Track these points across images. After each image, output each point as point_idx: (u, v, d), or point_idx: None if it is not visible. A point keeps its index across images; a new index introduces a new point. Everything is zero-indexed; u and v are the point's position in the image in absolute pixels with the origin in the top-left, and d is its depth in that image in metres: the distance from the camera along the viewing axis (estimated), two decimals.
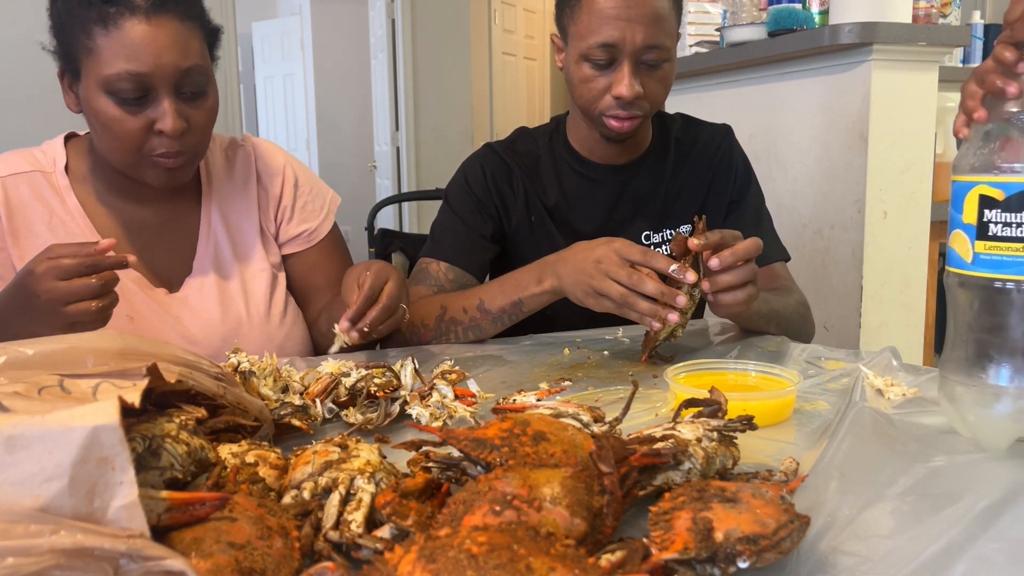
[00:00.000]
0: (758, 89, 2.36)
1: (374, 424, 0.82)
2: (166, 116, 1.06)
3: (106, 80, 1.04)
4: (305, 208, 1.33)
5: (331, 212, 1.36)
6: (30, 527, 0.43)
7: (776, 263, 1.40)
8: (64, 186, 1.18)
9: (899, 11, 1.98)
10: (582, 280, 1.07)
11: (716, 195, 1.41)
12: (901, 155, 2.03)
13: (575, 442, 0.61)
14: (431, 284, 1.33)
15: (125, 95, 1.05)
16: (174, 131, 1.06)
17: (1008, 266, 0.72)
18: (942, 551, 0.55)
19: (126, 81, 1.04)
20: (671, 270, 1.03)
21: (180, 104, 1.08)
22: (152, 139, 1.08)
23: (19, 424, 0.47)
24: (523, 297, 1.17)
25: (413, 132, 5.36)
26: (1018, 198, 0.71)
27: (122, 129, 1.07)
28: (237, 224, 1.28)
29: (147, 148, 1.09)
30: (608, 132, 1.28)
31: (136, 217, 1.22)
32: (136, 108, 1.06)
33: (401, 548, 0.45)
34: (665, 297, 1.02)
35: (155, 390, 0.61)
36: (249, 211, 1.29)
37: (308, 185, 1.35)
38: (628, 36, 1.19)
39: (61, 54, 1.10)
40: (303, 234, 1.32)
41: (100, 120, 1.08)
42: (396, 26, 5.25)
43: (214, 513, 0.51)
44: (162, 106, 1.06)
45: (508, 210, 1.38)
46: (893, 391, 0.93)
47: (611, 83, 1.23)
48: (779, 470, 0.69)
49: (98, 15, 1.04)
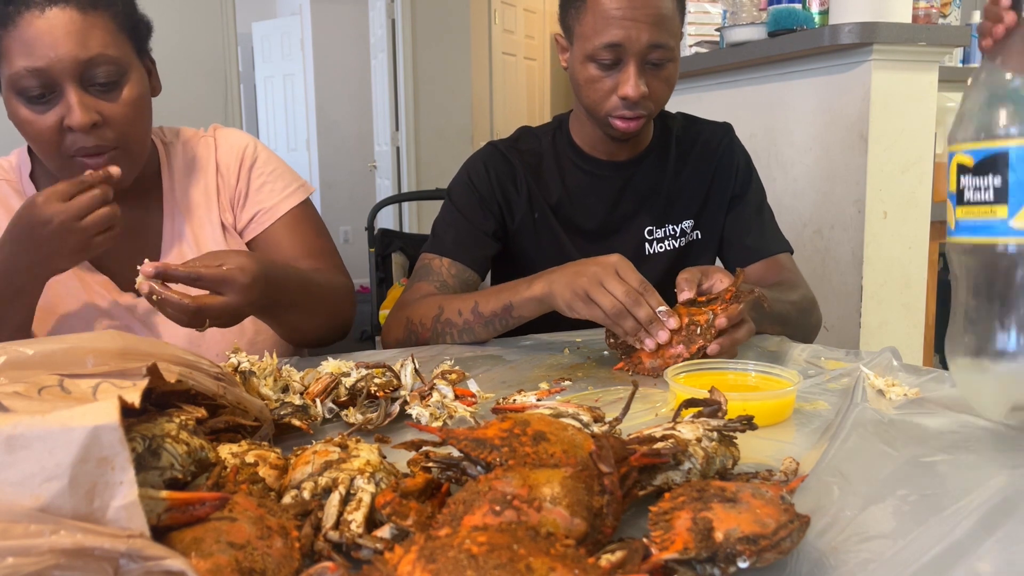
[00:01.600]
0: (758, 89, 2.36)
1: (374, 424, 0.82)
2: (71, 110, 1.02)
3: (11, 80, 1.02)
4: (261, 189, 1.27)
5: (297, 193, 1.29)
6: (30, 527, 0.43)
7: (780, 255, 1.41)
8: (30, 192, 1.17)
9: (899, 11, 1.98)
10: (576, 283, 1.07)
11: (717, 192, 1.42)
12: (901, 155, 2.03)
13: (575, 442, 0.61)
14: (433, 280, 1.33)
15: (30, 93, 1.02)
16: (81, 125, 1.03)
17: (981, 229, 0.75)
18: (943, 552, 0.55)
19: (27, 78, 1.01)
20: (659, 311, 1.05)
21: (88, 97, 1.04)
22: (67, 137, 1.05)
23: (19, 424, 0.47)
24: (513, 301, 1.17)
25: (413, 132, 5.36)
26: (984, 163, 0.74)
27: (34, 130, 1.04)
28: (200, 220, 1.25)
29: (64, 148, 1.05)
30: (614, 132, 1.29)
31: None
32: (44, 106, 1.03)
33: (401, 548, 0.45)
34: (652, 327, 1.05)
35: (155, 390, 0.61)
36: (209, 205, 1.26)
37: (270, 167, 1.29)
38: (633, 36, 1.19)
39: None
40: (257, 215, 1.26)
41: (16, 123, 1.05)
42: (396, 26, 5.26)
43: (214, 513, 0.51)
44: (67, 100, 1.03)
45: (512, 207, 1.39)
46: (894, 391, 0.93)
47: (617, 83, 1.24)
48: (779, 470, 0.69)
49: (1, 15, 1.02)
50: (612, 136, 1.32)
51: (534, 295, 1.14)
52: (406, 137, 5.36)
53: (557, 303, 1.10)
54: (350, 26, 6.76)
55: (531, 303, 1.15)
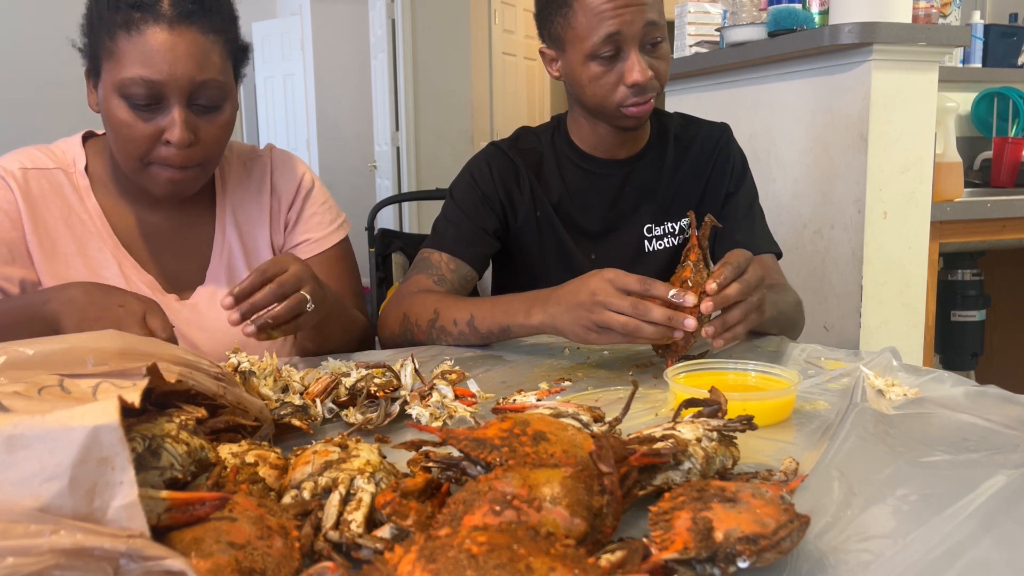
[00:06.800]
0: (758, 89, 2.36)
1: (374, 424, 0.82)
2: (174, 126, 1.06)
3: (121, 83, 1.05)
4: (312, 219, 1.32)
5: (341, 229, 1.35)
6: (30, 527, 0.43)
7: (766, 255, 1.41)
8: (85, 187, 1.20)
9: (899, 11, 1.98)
10: (580, 316, 1.03)
11: (714, 189, 1.43)
12: (901, 155, 2.03)
13: (575, 442, 0.61)
14: (432, 273, 1.34)
15: (137, 100, 1.05)
16: (180, 142, 1.06)
17: None
18: (943, 552, 0.55)
19: (139, 86, 1.04)
20: (671, 295, 0.99)
21: (191, 116, 1.08)
22: (159, 148, 1.08)
23: (19, 424, 0.47)
24: (510, 325, 1.16)
25: (413, 132, 5.36)
26: None
27: (131, 134, 1.07)
28: (251, 235, 1.28)
29: (152, 156, 1.09)
30: (627, 122, 1.30)
31: (151, 222, 1.22)
32: (147, 114, 1.06)
33: (401, 548, 0.45)
34: (674, 322, 0.98)
35: (155, 390, 0.61)
36: (261, 222, 1.29)
37: (321, 198, 1.34)
38: (628, 22, 1.22)
39: (88, 54, 1.11)
40: (305, 243, 1.31)
41: (112, 122, 1.08)
42: (396, 26, 5.25)
43: (214, 513, 0.51)
44: (172, 115, 1.06)
45: (515, 207, 1.39)
46: (894, 391, 0.93)
47: (621, 74, 1.25)
48: (779, 470, 0.69)
49: (123, 19, 1.04)
50: (624, 127, 1.32)
51: (532, 324, 1.12)
52: (406, 137, 5.36)
53: (569, 338, 1.08)
54: (350, 26, 6.75)
55: (530, 331, 1.15)
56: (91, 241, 1.18)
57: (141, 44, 1.04)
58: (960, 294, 2.45)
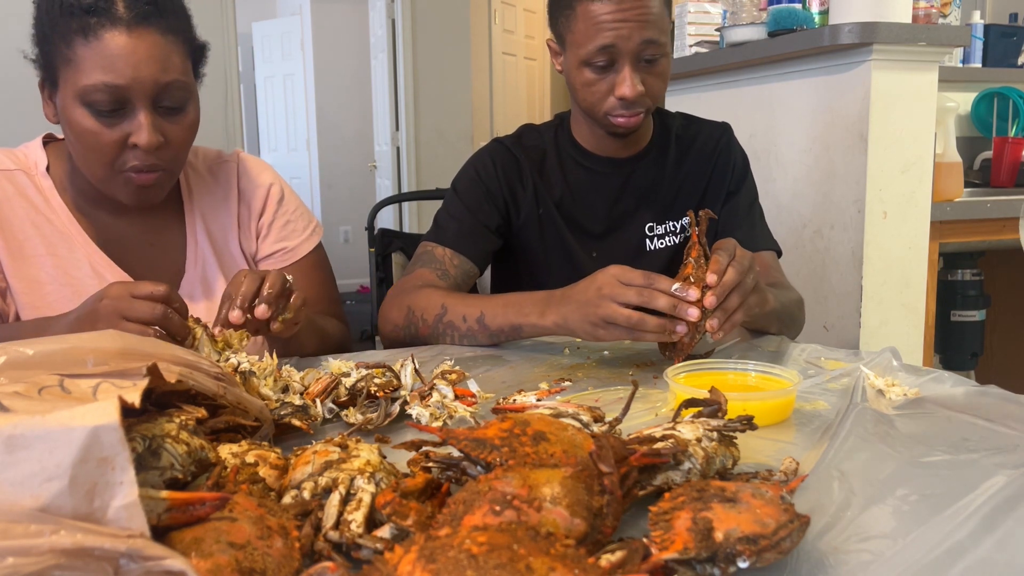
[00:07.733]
0: (758, 89, 2.36)
1: (374, 424, 0.82)
2: (142, 130, 1.04)
3: (83, 91, 1.02)
4: (286, 227, 1.30)
5: (314, 235, 1.33)
6: (30, 527, 0.43)
7: (765, 252, 1.41)
8: (48, 187, 1.17)
9: (899, 11, 1.98)
10: (588, 313, 1.05)
11: (714, 189, 1.43)
12: (901, 155, 2.03)
13: (575, 442, 0.61)
14: (436, 268, 1.33)
15: (101, 107, 1.03)
16: (149, 145, 1.04)
17: None
18: (943, 552, 0.55)
19: (102, 92, 1.02)
20: (674, 289, 1.01)
21: (157, 118, 1.06)
22: (126, 153, 1.06)
23: (19, 424, 0.47)
24: (523, 324, 1.16)
25: (413, 132, 5.36)
26: None
27: (96, 142, 1.04)
28: (223, 242, 1.26)
29: (120, 162, 1.06)
30: (615, 130, 1.31)
31: (116, 230, 1.20)
32: (112, 120, 1.04)
33: (401, 548, 0.45)
34: (677, 311, 1.00)
35: (155, 390, 0.61)
36: (231, 229, 1.27)
37: (293, 205, 1.32)
38: (624, 37, 1.21)
39: (42, 64, 1.09)
40: (280, 252, 1.29)
41: (75, 131, 1.06)
42: (396, 26, 5.26)
43: (214, 513, 0.51)
44: (138, 119, 1.04)
45: (518, 203, 1.39)
46: (894, 391, 0.93)
47: (613, 84, 1.25)
48: (779, 470, 0.69)
49: (79, 25, 1.02)
50: (614, 133, 1.33)
51: (545, 325, 1.13)
52: (406, 137, 5.36)
53: (580, 336, 1.09)
54: (350, 26, 6.76)
55: (542, 331, 1.15)
56: (61, 242, 1.16)
57: (100, 49, 1.01)
58: (960, 294, 2.45)
